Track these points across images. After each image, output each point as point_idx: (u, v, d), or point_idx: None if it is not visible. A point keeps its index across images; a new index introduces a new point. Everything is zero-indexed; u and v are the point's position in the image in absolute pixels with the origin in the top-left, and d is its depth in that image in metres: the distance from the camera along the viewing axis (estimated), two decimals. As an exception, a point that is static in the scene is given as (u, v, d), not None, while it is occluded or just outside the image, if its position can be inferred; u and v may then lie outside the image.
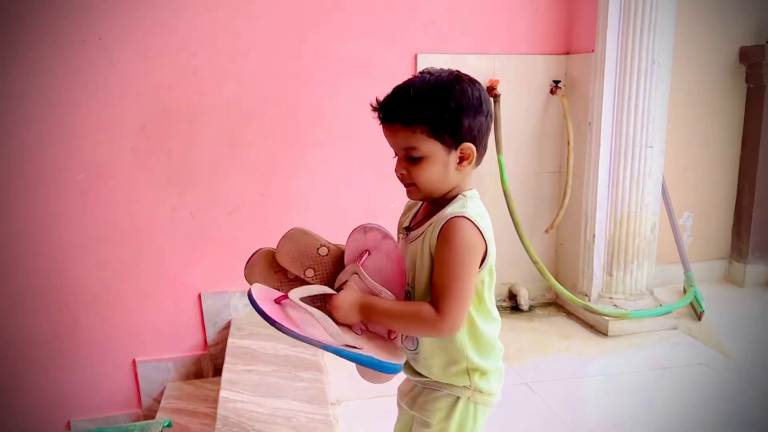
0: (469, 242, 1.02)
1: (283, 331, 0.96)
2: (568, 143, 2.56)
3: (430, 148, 1.04)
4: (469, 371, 1.12)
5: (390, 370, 1.01)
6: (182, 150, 2.29)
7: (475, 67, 2.52)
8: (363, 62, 2.37)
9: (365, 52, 2.37)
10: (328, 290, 1.07)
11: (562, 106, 2.59)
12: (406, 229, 1.14)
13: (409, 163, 1.05)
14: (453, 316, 1.00)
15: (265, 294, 1.03)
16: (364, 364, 0.99)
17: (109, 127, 2.21)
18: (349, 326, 1.05)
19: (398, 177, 1.09)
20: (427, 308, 1.01)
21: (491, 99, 2.52)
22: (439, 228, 1.02)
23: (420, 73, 1.08)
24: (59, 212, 2.22)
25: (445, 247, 1.01)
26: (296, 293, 1.02)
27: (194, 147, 2.30)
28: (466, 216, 1.02)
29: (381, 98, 1.07)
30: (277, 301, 1.02)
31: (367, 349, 1.00)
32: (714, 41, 2.82)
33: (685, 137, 2.85)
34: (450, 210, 1.05)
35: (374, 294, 1.06)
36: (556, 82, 2.59)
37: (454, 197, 1.09)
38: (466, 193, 1.09)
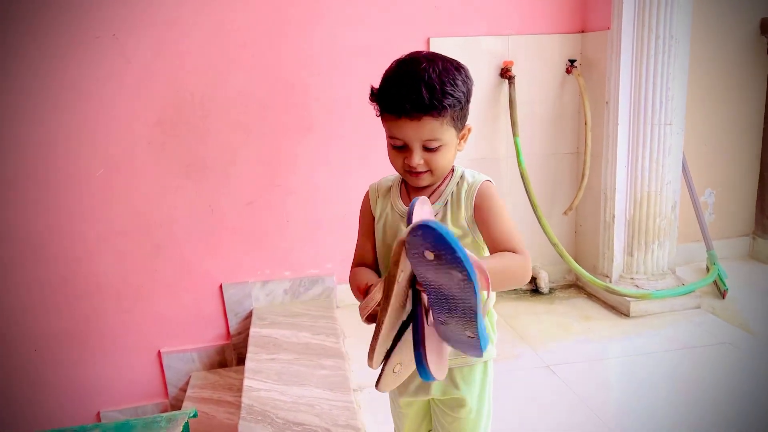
0: (501, 198, 1.10)
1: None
2: (586, 123, 2.53)
3: (449, 135, 1.04)
4: (492, 326, 1.16)
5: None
6: (198, 142, 2.31)
7: (489, 48, 2.49)
8: (375, 48, 2.35)
9: (377, 37, 2.36)
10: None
11: (578, 86, 2.55)
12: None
13: (425, 152, 1.04)
14: (528, 253, 1.03)
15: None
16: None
17: (126, 122, 2.23)
18: None
19: (408, 168, 1.06)
20: (510, 254, 1.01)
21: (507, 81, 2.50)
22: (473, 197, 1.07)
23: (410, 59, 1.04)
24: (80, 207, 2.26)
25: (491, 205, 1.07)
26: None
27: (209, 139, 2.31)
28: (488, 179, 1.10)
29: (386, 90, 1.03)
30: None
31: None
32: (733, 13, 2.75)
33: (706, 113, 2.80)
34: (470, 179, 1.10)
35: None
36: (572, 61, 2.56)
37: (448, 172, 1.12)
38: (454, 165, 1.14)
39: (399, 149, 1.06)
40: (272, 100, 2.34)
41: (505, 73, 2.49)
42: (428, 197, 1.10)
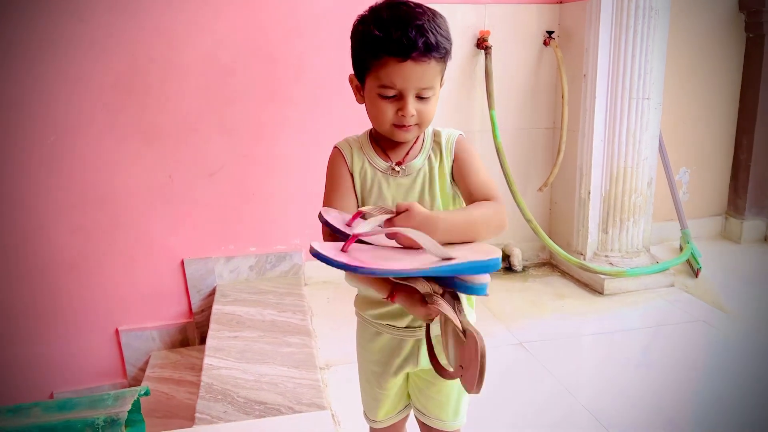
0: (475, 150, 1.11)
1: (371, 274, 0.81)
2: (563, 97, 2.46)
3: (438, 84, 1.02)
4: (470, 303, 1.14)
5: (497, 263, 0.86)
6: (158, 109, 2.18)
7: (465, 18, 2.40)
8: (344, 14, 2.22)
9: (347, 2, 2.25)
10: (388, 212, 0.93)
11: (556, 58, 2.48)
12: (390, 165, 1.07)
13: (418, 102, 0.99)
14: (502, 200, 1.03)
15: (328, 247, 0.86)
16: (475, 270, 0.84)
17: (80, 85, 2.09)
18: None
19: (398, 122, 1.00)
20: (485, 202, 1.00)
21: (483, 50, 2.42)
22: (452, 149, 1.07)
23: (396, 4, 0.99)
24: (30, 176, 2.12)
25: (469, 157, 1.08)
26: (361, 227, 0.88)
27: (169, 105, 2.19)
28: (461, 132, 1.10)
29: (387, 32, 0.96)
30: (343, 250, 0.86)
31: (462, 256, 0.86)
32: (713, -12, 2.71)
33: (682, 90, 2.76)
34: (445, 134, 1.09)
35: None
36: (550, 32, 2.48)
37: None
38: None
39: (390, 100, 0.99)
40: (238, 66, 2.22)
41: (482, 44, 2.41)
42: (406, 155, 1.08)
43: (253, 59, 2.23)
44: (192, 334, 2.39)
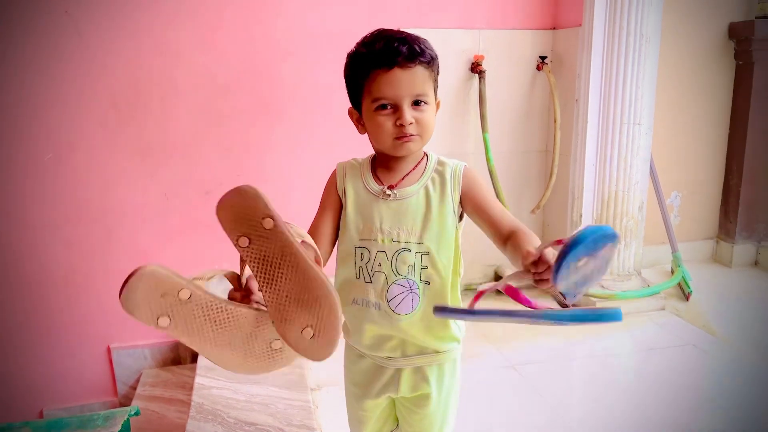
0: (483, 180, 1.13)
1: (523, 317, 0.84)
2: (555, 121, 2.50)
3: (432, 96, 1.05)
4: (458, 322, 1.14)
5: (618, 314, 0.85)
6: (155, 126, 2.19)
7: (459, 42, 2.44)
8: (343, 36, 2.26)
9: (345, 25, 2.29)
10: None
11: (548, 83, 2.52)
12: (383, 189, 1.09)
13: (414, 110, 1.03)
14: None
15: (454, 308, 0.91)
16: (600, 318, 0.84)
17: (78, 102, 2.11)
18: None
19: (397, 133, 1.03)
20: (526, 230, 1.05)
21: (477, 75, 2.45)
22: (459, 181, 1.08)
23: (383, 29, 1.07)
24: (25, 192, 2.12)
25: (481, 189, 1.10)
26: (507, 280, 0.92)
27: (167, 123, 2.20)
28: (465, 164, 1.12)
29: (372, 47, 1.03)
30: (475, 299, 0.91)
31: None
32: (703, 16, 2.76)
33: (673, 115, 2.81)
34: (450, 163, 1.11)
35: None
36: (543, 58, 2.52)
37: (422, 155, 1.12)
38: (426, 151, 1.14)
39: (386, 111, 1.03)
40: (237, 85, 2.24)
41: (476, 68, 2.45)
42: (401, 180, 1.09)
43: (250, 78, 2.26)
44: (184, 352, 2.39)
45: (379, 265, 1.07)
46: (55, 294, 2.22)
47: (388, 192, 1.08)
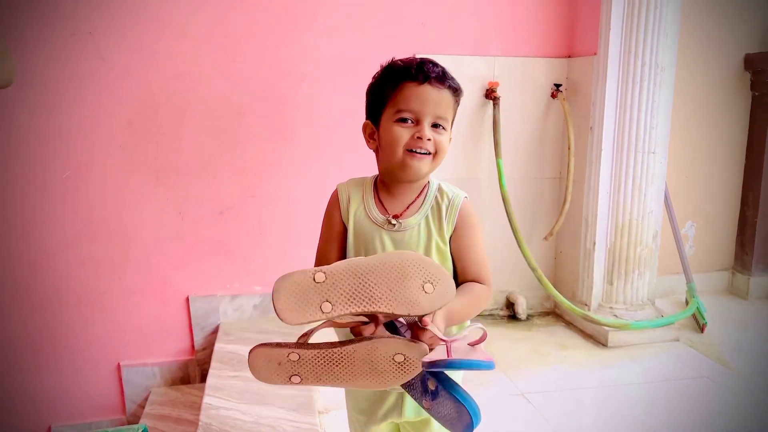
0: (477, 218, 1.12)
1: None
2: (569, 148, 2.50)
3: (449, 125, 1.08)
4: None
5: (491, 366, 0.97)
6: (171, 147, 2.23)
7: (475, 69, 2.46)
8: (358, 61, 2.31)
9: (361, 50, 2.32)
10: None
11: (563, 110, 2.53)
12: (387, 218, 1.09)
13: (433, 130, 1.05)
14: (491, 282, 1.10)
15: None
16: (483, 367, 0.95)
17: (97, 122, 2.15)
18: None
19: (413, 146, 1.04)
20: (478, 286, 1.07)
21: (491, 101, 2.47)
22: (455, 214, 1.08)
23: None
24: (42, 210, 2.16)
25: (470, 230, 1.09)
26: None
27: (183, 145, 2.24)
28: (465, 195, 1.11)
29: (407, 63, 1.07)
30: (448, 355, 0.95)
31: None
32: (719, 47, 2.77)
33: (689, 144, 2.80)
34: (450, 194, 1.10)
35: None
36: (558, 85, 2.54)
37: (425, 183, 1.13)
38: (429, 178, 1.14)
39: (406, 125, 1.04)
40: (251, 108, 2.27)
41: (490, 94, 2.46)
42: (405, 209, 1.09)
43: (265, 102, 2.29)
44: (193, 371, 2.39)
45: None
46: (68, 311, 2.24)
47: (393, 222, 1.08)
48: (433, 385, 0.94)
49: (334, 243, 1.15)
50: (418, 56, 1.10)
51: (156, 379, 2.36)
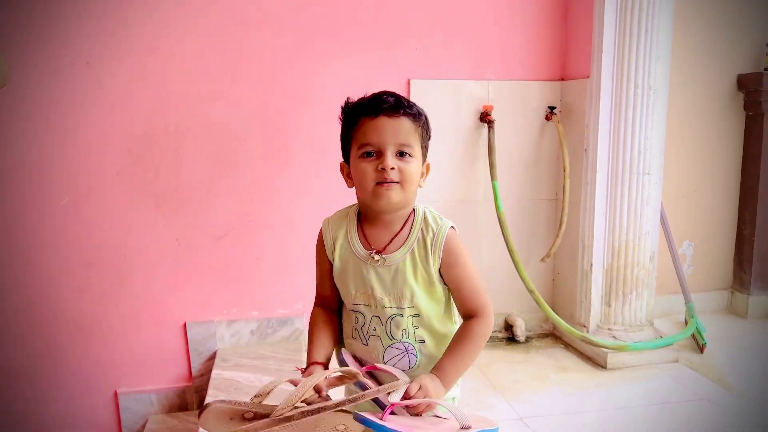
0: (463, 246, 1.11)
1: None
2: (564, 170, 2.51)
3: (418, 151, 1.07)
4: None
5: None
6: (169, 174, 2.24)
7: (470, 92, 2.48)
8: (355, 86, 2.29)
9: (358, 76, 2.35)
10: (402, 379, 1.04)
11: (557, 133, 2.55)
12: (370, 254, 1.10)
13: (398, 159, 1.05)
14: (490, 304, 1.11)
15: (369, 414, 0.97)
16: None
17: (95, 150, 2.17)
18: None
19: (379, 178, 1.04)
20: (475, 324, 1.08)
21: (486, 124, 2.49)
22: (440, 248, 1.07)
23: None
24: (41, 236, 2.17)
25: (458, 260, 1.09)
26: (394, 397, 0.99)
27: (182, 171, 2.25)
28: (452, 224, 1.11)
29: (362, 99, 1.10)
30: (382, 417, 0.96)
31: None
32: (711, 68, 2.80)
33: (684, 165, 2.81)
34: (434, 226, 1.09)
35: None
36: (552, 108, 2.56)
37: (409, 213, 1.12)
38: (414, 207, 1.14)
39: (370, 158, 1.05)
40: (249, 133, 2.29)
41: (485, 117, 2.48)
42: (389, 243, 1.09)
43: (264, 127, 2.31)
44: (191, 398, 2.37)
45: (374, 330, 1.09)
46: (66, 337, 2.24)
47: (376, 257, 1.09)
48: None
49: (327, 280, 1.17)
50: (373, 91, 1.12)
51: (153, 406, 2.34)
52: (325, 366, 1.09)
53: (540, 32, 2.53)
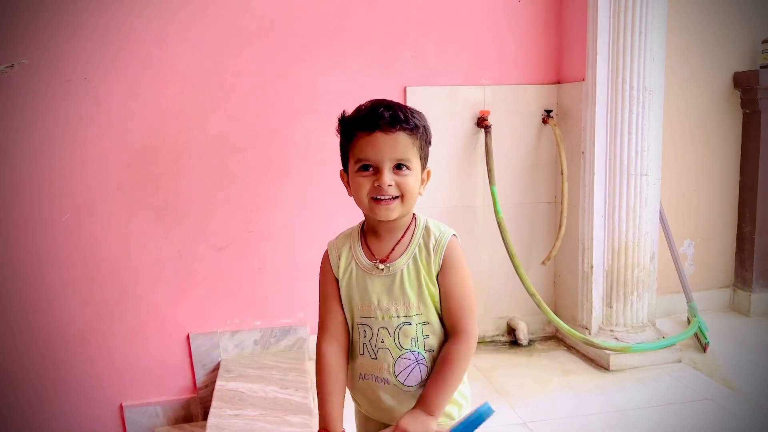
0: (464, 257, 1.10)
1: None
2: (562, 173, 2.52)
3: (417, 163, 1.06)
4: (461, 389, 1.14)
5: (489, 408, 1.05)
6: (169, 187, 2.26)
7: (466, 98, 2.49)
8: (352, 95, 2.31)
9: (354, 84, 2.36)
10: None
11: (554, 136, 2.55)
12: (375, 263, 1.11)
13: (396, 174, 1.04)
14: (476, 328, 1.08)
15: None
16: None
17: (95, 164, 2.19)
18: None
19: (376, 194, 1.05)
20: (457, 347, 1.06)
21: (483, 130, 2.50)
22: (441, 254, 1.07)
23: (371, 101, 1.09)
24: (43, 251, 2.18)
25: (455, 266, 1.08)
26: None
27: (181, 183, 2.27)
28: (454, 233, 1.10)
29: (358, 112, 1.08)
30: None
31: None
32: (708, 67, 2.80)
33: (683, 164, 2.81)
34: (436, 232, 1.09)
35: None
36: (548, 111, 2.56)
37: (410, 221, 1.12)
38: (415, 214, 1.14)
39: (367, 173, 1.05)
40: (248, 145, 2.31)
41: (482, 122, 2.49)
42: (392, 251, 1.09)
43: (262, 138, 2.32)
44: (195, 409, 2.38)
45: (382, 341, 1.09)
46: (70, 351, 2.25)
47: (381, 266, 1.09)
48: None
49: (334, 299, 1.16)
50: (372, 100, 1.10)
51: (159, 418, 2.36)
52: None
53: (534, 36, 2.54)
